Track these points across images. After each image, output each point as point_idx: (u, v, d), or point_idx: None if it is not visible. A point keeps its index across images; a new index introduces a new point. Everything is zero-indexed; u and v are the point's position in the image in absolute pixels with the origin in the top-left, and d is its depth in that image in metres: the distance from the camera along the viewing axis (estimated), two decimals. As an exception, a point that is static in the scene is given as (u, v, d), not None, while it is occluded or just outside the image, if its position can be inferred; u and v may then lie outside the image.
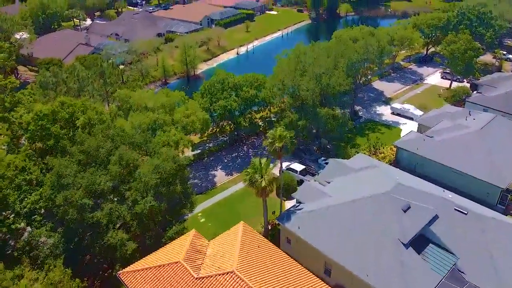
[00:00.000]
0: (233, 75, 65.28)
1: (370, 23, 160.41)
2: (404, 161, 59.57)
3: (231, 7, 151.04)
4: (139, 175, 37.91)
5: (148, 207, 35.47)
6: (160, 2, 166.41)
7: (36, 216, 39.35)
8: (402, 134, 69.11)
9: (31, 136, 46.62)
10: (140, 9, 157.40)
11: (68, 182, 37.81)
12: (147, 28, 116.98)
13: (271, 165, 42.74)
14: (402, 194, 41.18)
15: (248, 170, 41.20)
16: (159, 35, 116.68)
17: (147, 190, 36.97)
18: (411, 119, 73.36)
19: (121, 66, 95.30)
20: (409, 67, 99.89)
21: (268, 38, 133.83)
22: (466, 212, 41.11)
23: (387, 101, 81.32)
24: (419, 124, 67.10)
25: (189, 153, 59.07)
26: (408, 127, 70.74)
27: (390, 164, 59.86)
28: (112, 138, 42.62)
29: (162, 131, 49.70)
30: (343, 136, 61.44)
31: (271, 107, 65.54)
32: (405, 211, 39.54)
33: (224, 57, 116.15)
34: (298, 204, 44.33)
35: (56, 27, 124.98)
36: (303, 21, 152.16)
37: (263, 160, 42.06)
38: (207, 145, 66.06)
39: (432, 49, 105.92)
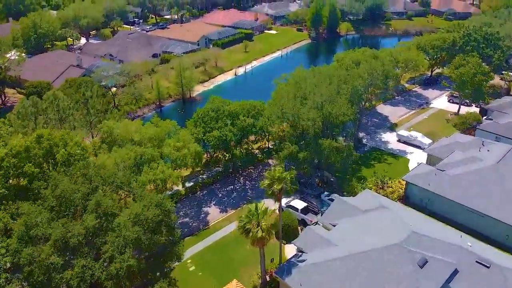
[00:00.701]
0: (229, 101, 61.06)
1: (371, 42, 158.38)
2: (414, 197, 54.86)
3: (229, 26, 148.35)
4: (118, 225, 33.17)
5: (125, 267, 30.60)
6: (158, 21, 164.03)
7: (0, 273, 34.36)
8: (410, 164, 64.60)
9: (5, 173, 42.04)
10: (137, 28, 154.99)
11: (37, 233, 33.13)
12: (142, 48, 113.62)
13: (269, 209, 38.04)
14: (418, 245, 36.35)
15: (242, 217, 36.44)
16: (154, 55, 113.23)
17: (126, 244, 32.15)
18: (419, 147, 68.93)
19: (113, 89, 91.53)
20: (413, 89, 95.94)
21: (267, 58, 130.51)
22: (488, 266, 36.28)
23: (392, 127, 76.95)
24: (428, 155, 62.64)
25: (180, 186, 54.42)
26: (416, 157, 66.23)
27: (399, 199, 55.21)
28: (90, 179, 38.04)
29: (149, 168, 45.07)
30: (348, 169, 56.59)
31: (270, 137, 61.03)
32: (421, 267, 34.64)
33: (222, 78, 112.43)
34: (300, 253, 39.40)
35: (49, 46, 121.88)
36: (303, 40, 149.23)
37: (260, 205, 37.37)
38: (200, 176, 61.31)
39: (437, 70, 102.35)
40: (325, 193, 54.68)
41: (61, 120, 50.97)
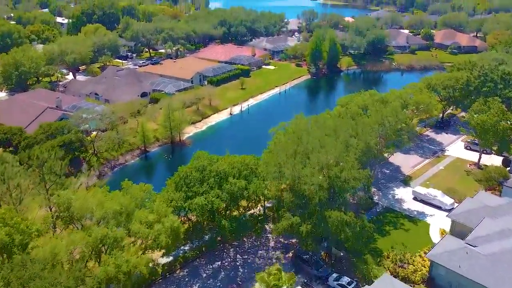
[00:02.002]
0: (218, 157, 51.97)
1: (373, 77, 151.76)
2: (441, 280, 44.82)
3: (225, 62, 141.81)
4: None
5: None
6: (152, 55, 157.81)
7: None
8: (431, 231, 54.84)
9: None
10: (130, 63, 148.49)
11: None
12: (130, 86, 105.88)
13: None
14: None
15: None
16: (143, 94, 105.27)
17: None
18: (439, 208, 59.39)
19: (94, 133, 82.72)
20: (425, 133, 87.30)
21: (265, 95, 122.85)
22: None
23: (406, 181, 67.56)
24: (452, 221, 52.96)
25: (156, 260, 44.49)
26: (437, 221, 56.58)
27: (423, 281, 45.16)
28: (25, 284, 28.36)
29: (110, 255, 35.35)
30: (361, 247, 46.22)
31: (265, 201, 51.55)
32: None
33: (216, 118, 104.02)
34: None
35: (34, 83, 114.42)
36: (302, 76, 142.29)
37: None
38: (182, 248, 51.25)
39: (449, 111, 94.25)
40: (334, 275, 44.61)
41: (3, 193, 41.64)
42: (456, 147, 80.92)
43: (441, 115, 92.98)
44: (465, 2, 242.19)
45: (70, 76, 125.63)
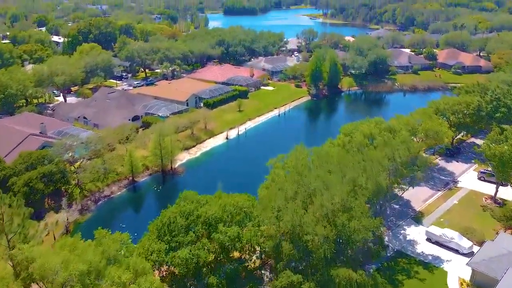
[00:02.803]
0: (207, 198, 45.97)
1: (375, 98, 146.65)
2: None
3: (223, 83, 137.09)
4: None
5: None
6: (147, 75, 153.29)
7: None
8: (449, 280, 48.40)
9: None
10: (124, 83, 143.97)
11: None
12: (122, 109, 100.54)
13: None
14: None
15: None
16: (135, 118, 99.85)
17: None
18: (457, 251, 53.09)
19: (78, 163, 76.82)
20: (434, 161, 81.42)
21: (263, 118, 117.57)
22: None
23: (418, 218, 61.38)
24: (473, 271, 46.68)
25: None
26: (455, 268, 50.19)
27: None
28: None
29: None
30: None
31: (261, 251, 45.25)
32: None
33: (211, 143, 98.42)
34: None
35: (22, 105, 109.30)
36: (302, 97, 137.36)
37: None
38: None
39: (458, 136, 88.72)
40: None
41: None
42: (469, 178, 74.94)
43: (451, 142, 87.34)
44: (466, 21, 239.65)
45: (61, 98, 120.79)
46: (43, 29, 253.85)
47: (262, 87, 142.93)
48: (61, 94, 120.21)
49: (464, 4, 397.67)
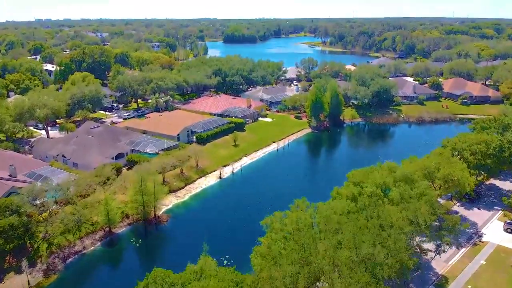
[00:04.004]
0: (182, 281, 36.34)
1: (378, 130, 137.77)
2: None
3: (218, 114, 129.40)
4: None
5: None
6: (139, 106, 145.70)
7: None
8: None
9: None
10: (115, 114, 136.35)
11: None
12: (105, 146, 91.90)
13: None
14: None
15: None
16: (119, 156, 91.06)
17: None
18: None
19: (55, 208, 67.47)
20: (452, 208, 72.00)
21: (260, 153, 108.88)
22: None
23: (442, 286, 51.46)
24: None
25: None
26: None
27: None
28: None
29: None
30: None
31: None
32: None
33: (202, 183, 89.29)
34: None
35: (3, 141, 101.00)
36: (302, 129, 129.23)
37: None
38: None
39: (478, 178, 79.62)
40: None
41: None
42: (494, 229, 65.38)
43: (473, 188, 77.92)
44: (469, 49, 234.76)
45: (44, 132, 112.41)
46: (38, 57, 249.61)
47: (260, 119, 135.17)
48: (45, 128, 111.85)
49: (464, 31, 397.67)
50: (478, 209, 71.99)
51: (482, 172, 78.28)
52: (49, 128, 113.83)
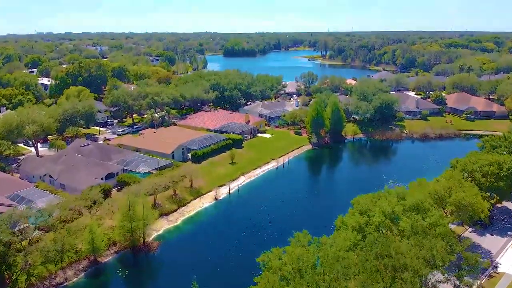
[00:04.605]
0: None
1: (382, 147, 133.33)
2: None
3: (215, 130, 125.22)
4: None
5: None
6: (134, 121, 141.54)
7: None
8: None
9: None
10: (109, 130, 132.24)
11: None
12: (94, 166, 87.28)
13: None
14: None
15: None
16: (109, 176, 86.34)
17: None
18: None
19: (36, 234, 62.55)
20: (463, 234, 67.02)
21: (259, 171, 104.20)
22: None
23: (458, 328, 46.24)
24: None
25: None
26: None
27: None
28: None
29: None
30: None
31: None
32: None
33: (197, 206, 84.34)
34: None
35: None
36: (303, 146, 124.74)
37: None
38: None
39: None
40: None
41: None
42: (509, 258, 60.33)
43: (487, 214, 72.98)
44: (470, 62, 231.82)
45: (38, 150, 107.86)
46: (35, 70, 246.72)
47: (259, 134, 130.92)
48: (34, 145, 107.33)
49: (463, 45, 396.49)
50: (491, 235, 67.04)
51: (494, 195, 73.52)
52: (40, 145, 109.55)
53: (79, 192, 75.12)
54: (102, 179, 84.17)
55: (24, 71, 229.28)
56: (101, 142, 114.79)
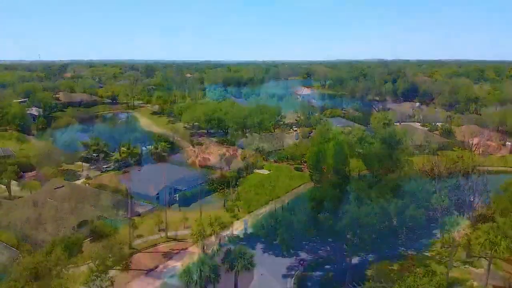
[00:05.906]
0: None
1: (388, 185, 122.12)
2: None
3: (207, 166, 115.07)
4: None
5: None
6: (121, 155, 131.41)
7: None
8: None
9: None
10: (93, 166, 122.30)
11: None
12: (66, 213, 76.54)
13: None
14: None
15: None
16: (82, 224, 75.40)
17: None
18: None
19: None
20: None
21: (255, 216, 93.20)
22: None
23: None
24: None
25: None
26: None
27: None
28: None
29: None
30: None
31: None
32: None
33: (177, 263, 72.74)
34: None
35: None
36: (304, 183, 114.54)
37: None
38: None
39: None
40: None
41: None
42: None
43: None
44: (476, 93, 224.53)
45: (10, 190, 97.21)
46: (26, 100, 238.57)
47: (256, 170, 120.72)
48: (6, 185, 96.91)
49: (463, 74, 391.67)
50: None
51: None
52: (16, 183, 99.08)
53: (43, 246, 63.98)
54: (73, 228, 73.19)
55: (14, 100, 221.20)
56: (82, 180, 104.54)
